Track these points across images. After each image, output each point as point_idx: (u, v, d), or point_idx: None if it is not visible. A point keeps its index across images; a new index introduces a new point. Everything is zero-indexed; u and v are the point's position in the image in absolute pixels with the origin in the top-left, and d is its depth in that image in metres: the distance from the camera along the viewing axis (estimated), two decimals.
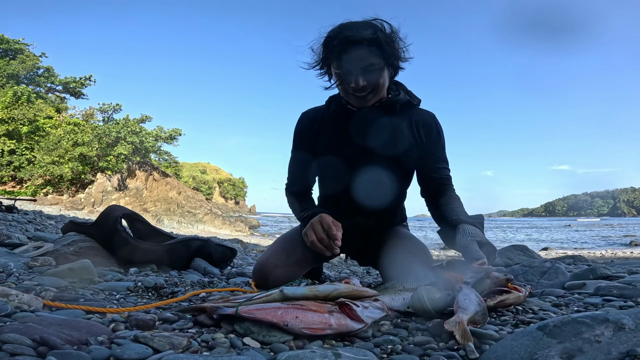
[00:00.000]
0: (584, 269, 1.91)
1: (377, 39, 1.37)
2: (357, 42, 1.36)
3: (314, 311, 0.93)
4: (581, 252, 8.43)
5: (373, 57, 1.38)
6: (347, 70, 1.41)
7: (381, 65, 1.40)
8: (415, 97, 1.59)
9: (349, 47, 1.37)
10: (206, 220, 20.89)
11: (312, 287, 1.07)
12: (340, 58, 1.39)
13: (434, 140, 1.58)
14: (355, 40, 1.36)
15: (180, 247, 2.08)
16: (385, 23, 1.42)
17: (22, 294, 0.99)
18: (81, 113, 22.65)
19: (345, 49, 1.37)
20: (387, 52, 1.39)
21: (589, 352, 0.70)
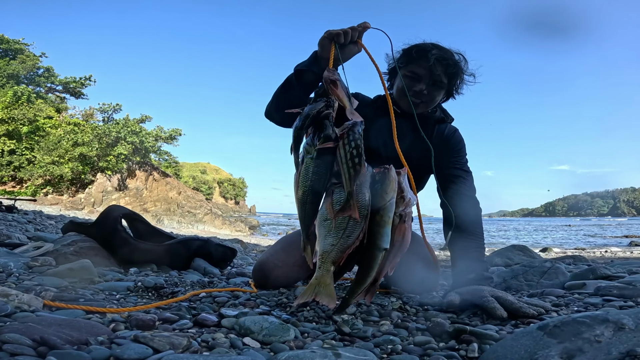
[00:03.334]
0: (584, 269, 1.91)
1: (457, 66, 1.58)
2: (445, 59, 1.55)
3: None
4: (581, 252, 8.43)
5: (444, 77, 1.57)
6: (421, 76, 1.57)
7: (444, 86, 1.60)
8: (449, 116, 1.73)
9: (437, 61, 1.54)
10: (206, 220, 20.88)
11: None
12: (422, 65, 1.55)
13: (454, 154, 1.67)
14: (445, 58, 1.55)
15: (180, 247, 2.08)
16: (464, 60, 1.62)
17: (22, 294, 0.99)
18: (81, 113, 22.65)
19: (431, 61, 1.54)
20: (454, 80, 1.61)
21: (589, 352, 0.70)
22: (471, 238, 1.48)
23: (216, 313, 1.12)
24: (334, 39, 1.33)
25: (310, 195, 1.15)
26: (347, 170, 1.09)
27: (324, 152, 1.13)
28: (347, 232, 1.09)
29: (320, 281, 1.06)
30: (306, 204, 1.16)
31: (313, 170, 1.13)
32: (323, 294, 1.04)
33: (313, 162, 1.13)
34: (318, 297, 1.03)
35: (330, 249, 1.08)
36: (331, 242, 1.08)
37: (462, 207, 1.52)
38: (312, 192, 1.15)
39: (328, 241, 1.08)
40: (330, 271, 1.07)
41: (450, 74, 1.57)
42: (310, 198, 1.15)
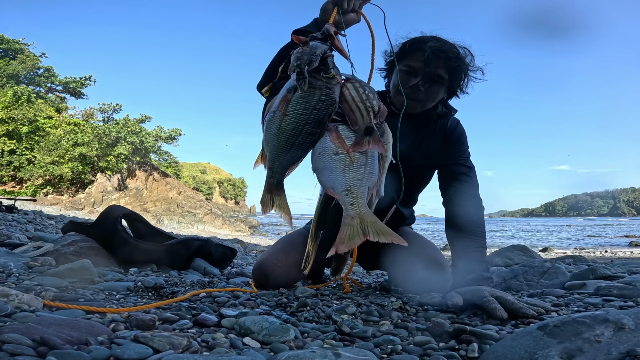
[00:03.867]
0: (584, 269, 1.91)
1: (458, 59, 1.45)
2: (443, 51, 1.43)
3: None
4: (581, 252, 8.43)
5: (444, 73, 1.46)
6: (416, 70, 1.46)
7: (444, 82, 1.49)
8: (451, 109, 1.63)
9: (433, 54, 1.43)
10: (206, 220, 20.88)
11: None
12: (418, 58, 1.44)
13: (456, 148, 1.60)
14: (442, 50, 1.43)
15: (180, 247, 2.08)
16: (470, 55, 1.50)
17: (22, 294, 0.99)
18: (81, 113, 22.63)
19: (428, 53, 1.43)
20: (456, 75, 1.49)
21: (589, 352, 0.70)
22: (472, 238, 1.45)
23: (216, 313, 1.12)
24: (338, 3, 1.30)
25: (310, 125, 1.02)
26: (363, 107, 1.04)
27: (333, 85, 1.04)
28: (369, 168, 1.03)
29: (363, 219, 0.96)
30: (298, 134, 1.02)
31: (320, 98, 1.02)
32: (378, 233, 0.95)
33: (319, 91, 1.02)
34: (373, 238, 0.94)
35: (358, 183, 1.00)
36: (356, 177, 1.00)
37: (464, 206, 1.50)
38: (314, 121, 1.02)
39: (351, 175, 1.00)
40: (367, 208, 0.99)
41: (451, 68, 1.47)
42: (309, 128, 1.03)
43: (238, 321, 0.97)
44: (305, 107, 1.02)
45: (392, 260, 1.54)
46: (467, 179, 1.57)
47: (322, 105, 1.02)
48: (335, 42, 1.12)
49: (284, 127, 1.02)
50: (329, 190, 1.03)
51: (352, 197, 0.99)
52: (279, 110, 1.03)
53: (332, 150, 1.04)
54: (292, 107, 1.02)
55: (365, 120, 1.04)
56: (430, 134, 1.58)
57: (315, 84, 1.02)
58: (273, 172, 1.06)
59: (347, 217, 0.98)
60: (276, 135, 1.03)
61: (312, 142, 1.05)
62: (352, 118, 1.05)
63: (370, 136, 1.02)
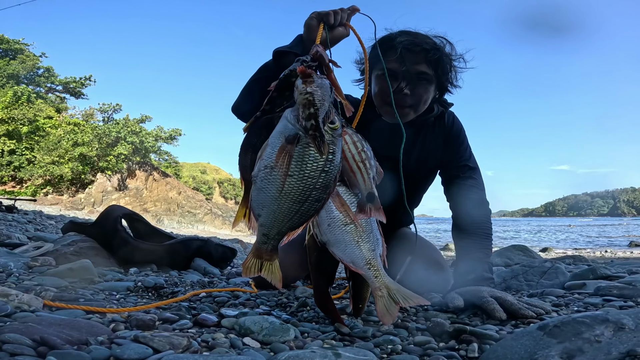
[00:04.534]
0: (584, 269, 1.91)
1: (437, 50, 1.31)
2: (416, 44, 1.29)
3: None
4: (581, 252, 8.43)
5: (426, 67, 1.31)
6: (395, 72, 1.30)
7: (431, 78, 1.34)
8: (447, 105, 1.51)
9: (405, 48, 1.28)
10: (206, 220, 20.89)
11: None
12: (391, 58, 1.28)
13: (456, 147, 1.54)
14: (415, 43, 1.29)
15: (180, 247, 2.08)
16: (448, 43, 1.37)
17: (22, 294, 0.99)
18: (81, 113, 22.64)
19: (400, 49, 1.28)
20: (441, 68, 1.33)
21: (589, 352, 0.70)
22: (474, 238, 1.43)
23: (216, 313, 1.12)
24: (323, 19, 1.17)
25: (317, 191, 0.87)
26: (365, 170, 0.95)
27: (338, 140, 0.89)
28: (376, 234, 0.99)
29: (390, 288, 0.95)
30: (305, 201, 0.87)
31: (328, 157, 0.86)
32: (407, 298, 0.93)
33: (327, 148, 0.86)
34: (407, 304, 0.93)
35: (374, 254, 0.97)
36: (370, 248, 0.97)
37: (466, 207, 1.49)
38: (322, 187, 0.86)
39: (366, 247, 0.97)
40: (388, 277, 0.97)
41: (433, 61, 1.32)
42: (317, 194, 0.87)
43: (238, 321, 0.97)
44: (314, 169, 0.86)
45: (392, 261, 1.54)
46: (469, 180, 1.51)
47: (330, 167, 0.87)
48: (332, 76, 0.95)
49: (288, 192, 0.86)
50: (350, 265, 0.97)
51: (375, 270, 0.96)
52: (279, 168, 0.86)
53: (341, 221, 0.97)
54: (296, 167, 0.85)
55: (367, 185, 0.96)
56: (432, 137, 1.51)
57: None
58: (268, 238, 0.91)
59: (376, 290, 0.95)
60: (276, 200, 0.87)
61: (318, 209, 0.90)
62: (352, 180, 0.97)
63: (372, 203, 0.95)
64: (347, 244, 0.96)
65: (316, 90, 0.84)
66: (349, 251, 0.97)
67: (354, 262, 0.96)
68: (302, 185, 0.86)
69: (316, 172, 0.86)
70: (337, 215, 0.97)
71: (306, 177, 0.86)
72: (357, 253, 0.96)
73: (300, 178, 0.85)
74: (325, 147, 0.84)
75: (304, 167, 0.85)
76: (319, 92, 0.84)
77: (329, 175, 0.87)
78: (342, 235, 0.97)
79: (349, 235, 0.97)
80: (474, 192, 1.50)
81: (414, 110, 1.39)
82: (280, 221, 0.89)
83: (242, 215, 1.01)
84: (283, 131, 0.88)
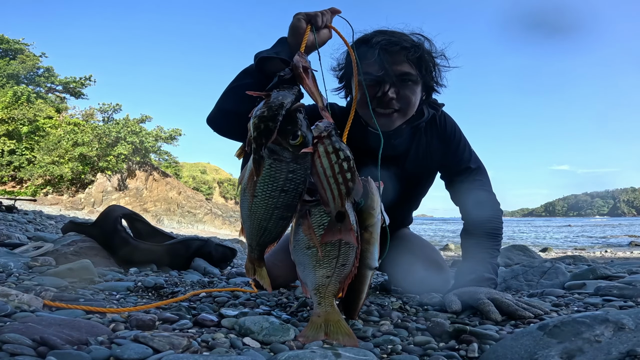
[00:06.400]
0: (584, 269, 1.91)
1: (417, 47, 1.24)
2: (394, 43, 1.22)
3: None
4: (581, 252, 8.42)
5: (409, 67, 1.23)
6: (376, 77, 1.22)
7: (416, 79, 1.25)
8: (438, 106, 1.44)
9: (382, 49, 1.21)
10: (206, 220, 20.89)
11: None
12: (370, 61, 1.20)
13: (454, 148, 1.49)
14: (393, 42, 1.21)
15: (180, 247, 2.08)
16: (426, 40, 1.29)
17: (22, 294, 0.99)
18: (81, 113, 22.65)
19: (377, 50, 1.20)
20: (425, 67, 1.26)
21: (589, 352, 0.70)
22: (478, 239, 1.41)
23: (216, 313, 1.12)
24: (311, 21, 1.09)
25: (279, 210, 0.90)
26: (335, 186, 0.89)
27: (301, 156, 0.88)
28: (342, 260, 0.94)
29: (328, 318, 0.92)
30: (269, 219, 0.91)
31: (287, 176, 0.88)
32: (338, 333, 0.89)
33: (286, 166, 0.87)
34: (333, 338, 0.88)
35: (327, 281, 0.94)
36: (325, 274, 0.94)
37: (471, 208, 1.48)
38: (283, 206, 0.90)
39: (320, 273, 0.94)
40: (335, 305, 0.94)
41: (415, 60, 1.24)
42: (279, 213, 0.90)
43: (238, 321, 0.97)
44: (272, 189, 0.88)
45: (392, 261, 1.54)
46: (473, 180, 1.47)
47: (290, 186, 0.89)
48: (306, 83, 0.94)
49: (254, 211, 0.91)
50: (304, 287, 0.98)
51: (320, 297, 0.94)
52: (248, 190, 0.90)
53: (304, 243, 0.95)
54: (259, 188, 0.89)
55: (336, 203, 0.90)
56: (425, 142, 1.47)
57: (281, 156, 0.87)
58: (252, 248, 0.98)
59: (314, 315, 0.94)
60: (249, 217, 0.93)
61: (284, 226, 0.94)
62: (323, 197, 0.91)
63: (342, 224, 0.90)
64: (305, 266, 0.96)
65: (262, 110, 0.85)
66: (306, 273, 0.96)
67: (306, 284, 0.97)
68: (264, 204, 0.90)
69: (275, 191, 0.89)
70: (301, 238, 0.96)
71: (267, 197, 0.89)
72: (310, 277, 0.95)
73: (262, 198, 0.90)
74: (260, 170, 0.86)
75: (264, 189, 0.89)
76: (265, 112, 0.85)
77: (289, 195, 0.89)
78: (303, 257, 0.96)
79: (308, 258, 0.95)
80: (479, 192, 1.47)
81: (403, 115, 1.30)
82: (254, 235, 0.95)
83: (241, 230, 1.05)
84: (253, 155, 0.90)
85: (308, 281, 0.96)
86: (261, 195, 0.89)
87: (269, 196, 0.89)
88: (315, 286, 0.95)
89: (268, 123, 0.84)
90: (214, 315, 1.06)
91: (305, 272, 0.96)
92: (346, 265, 0.94)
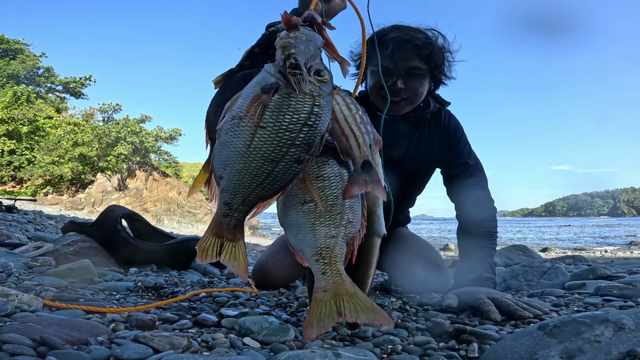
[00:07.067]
0: (584, 269, 1.91)
1: (429, 44, 1.31)
2: (406, 41, 1.29)
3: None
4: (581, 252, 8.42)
5: (419, 62, 1.32)
6: (387, 69, 1.30)
7: (425, 72, 1.34)
8: (444, 102, 1.52)
9: (396, 45, 1.29)
10: (206, 220, 20.85)
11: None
12: (383, 55, 1.27)
13: (455, 145, 1.52)
14: (405, 40, 1.29)
15: (180, 247, 2.08)
16: (440, 35, 1.37)
17: (22, 294, 0.99)
18: (81, 113, 22.63)
19: (391, 46, 1.28)
20: (434, 62, 1.34)
21: (589, 352, 0.70)
22: (475, 238, 1.43)
23: (216, 313, 1.12)
24: None
25: (297, 149, 0.71)
26: (360, 134, 0.79)
27: (326, 93, 0.74)
28: (348, 216, 0.78)
29: (338, 292, 0.73)
30: (280, 160, 0.71)
31: (311, 109, 0.71)
32: (358, 310, 0.72)
33: (312, 100, 0.72)
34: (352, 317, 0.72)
35: (331, 242, 0.76)
36: (328, 233, 0.76)
37: (466, 207, 1.49)
38: (304, 144, 0.71)
39: (322, 232, 0.76)
40: (345, 274, 0.76)
41: (426, 55, 1.32)
42: (296, 153, 0.71)
43: (238, 321, 0.97)
44: (294, 120, 0.71)
45: (391, 261, 1.54)
46: (471, 178, 1.49)
47: (316, 121, 0.72)
48: (325, 34, 0.83)
49: (259, 146, 0.71)
50: (298, 255, 0.80)
51: (324, 264, 0.75)
52: (250, 118, 0.71)
53: (299, 199, 0.78)
54: (271, 117, 0.71)
55: (362, 152, 0.79)
56: (428, 134, 1.50)
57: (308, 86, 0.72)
58: (231, 209, 0.75)
59: (318, 290, 0.74)
60: (243, 156, 0.71)
61: (296, 174, 0.73)
62: (343, 145, 0.80)
63: (369, 174, 0.78)
64: (300, 228, 0.78)
65: (300, 36, 0.73)
66: (301, 236, 0.78)
67: (302, 250, 0.78)
68: (276, 139, 0.70)
69: (297, 124, 0.71)
70: (294, 192, 0.78)
71: (283, 129, 0.70)
72: (309, 239, 0.77)
73: (276, 130, 0.70)
74: (307, 85, 0.69)
75: (281, 118, 0.71)
76: (304, 37, 0.73)
77: (313, 131, 0.72)
78: (297, 216, 0.78)
79: (304, 216, 0.77)
80: (476, 191, 1.49)
81: (410, 103, 1.39)
82: (246, 185, 0.72)
83: (203, 181, 0.82)
84: (260, 82, 0.74)
85: (305, 246, 0.77)
86: (274, 125, 0.70)
87: (287, 128, 0.70)
88: (317, 249, 0.76)
89: (307, 44, 0.72)
90: (214, 315, 1.07)
91: (300, 235, 0.78)
92: (354, 223, 0.79)
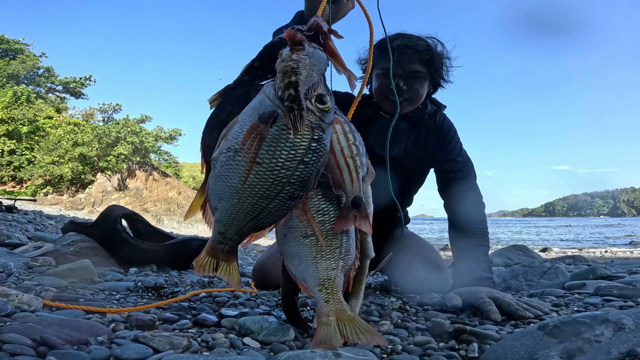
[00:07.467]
0: (584, 269, 1.91)
1: (429, 50, 1.46)
2: (409, 47, 1.44)
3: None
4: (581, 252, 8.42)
5: (420, 66, 1.46)
6: (393, 72, 1.39)
7: (425, 76, 1.48)
8: (441, 106, 1.62)
9: (401, 51, 1.43)
10: None
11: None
12: (390, 59, 1.35)
13: (447, 144, 1.58)
14: (408, 46, 1.44)
15: (180, 247, 2.08)
16: (439, 43, 1.51)
17: (22, 294, 0.99)
18: (81, 113, 22.62)
19: (396, 52, 1.41)
20: (434, 66, 1.48)
21: (589, 352, 0.70)
22: (472, 237, 1.45)
23: (216, 313, 1.12)
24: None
25: (292, 186, 0.70)
26: (353, 167, 0.78)
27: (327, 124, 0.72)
28: (345, 249, 0.82)
29: (340, 317, 0.79)
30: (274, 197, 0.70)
31: (310, 145, 0.69)
32: (358, 332, 0.77)
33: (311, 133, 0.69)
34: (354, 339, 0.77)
35: (333, 274, 0.81)
36: (330, 266, 0.81)
37: (462, 206, 1.51)
38: (299, 181, 0.71)
39: (324, 265, 0.81)
40: (344, 301, 0.82)
41: (426, 61, 1.46)
42: (290, 190, 0.71)
43: (238, 321, 0.97)
44: (291, 157, 0.69)
45: (391, 261, 1.54)
46: (463, 176, 1.55)
47: (313, 157, 0.70)
48: (331, 45, 0.79)
49: (254, 183, 0.69)
50: (300, 284, 0.84)
51: (327, 294, 0.80)
52: (246, 152, 0.69)
53: (300, 232, 0.81)
54: (268, 152, 0.69)
55: (355, 186, 0.79)
56: (425, 134, 1.57)
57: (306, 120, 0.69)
58: (225, 238, 0.77)
59: (323, 316, 0.79)
60: (237, 193, 0.70)
61: (290, 209, 0.73)
62: (336, 179, 0.79)
63: (358, 210, 0.78)
64: (302, 259, 0.82)
65: (303, 59, 0.69)
66: (303, 267, 0.83)
67: (305, 280, 0.83)
68: (272, 176, 0.69)
69: (293, 161, 0.69)
70: (295, 225, 0.81)
71: (279, 167, 0.69)
72: (310, 271, 0.82)
73: (272, 168, 0.69)
74: (303, 125, 0.66)
75: (278, 154, 0.68)
76: (307, 60, 0.69)
77: (310, 168, 0.70)
78: (298, 248, 0.82)
79: (306, 249, 0.81)
80: (468, 190, 1.55)
81: (411, 103, 1.51)
82: (240, 219, 0.73)
83: (199, 205, 0.83)
84: (258, 107, 0.71)
85: (308, 277, 0.82)
86: (270, 162, 0.68)
87: (284, 165, 0.68)
88: (320, 281, 0.81)
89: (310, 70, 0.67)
90: (214, 315, 1.07)
91: (302, 266, 0.82)
92: (350, 255, 0.83)
